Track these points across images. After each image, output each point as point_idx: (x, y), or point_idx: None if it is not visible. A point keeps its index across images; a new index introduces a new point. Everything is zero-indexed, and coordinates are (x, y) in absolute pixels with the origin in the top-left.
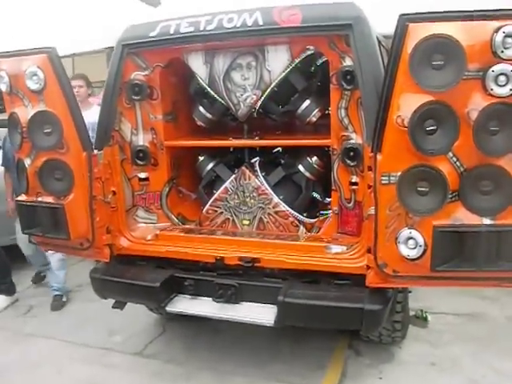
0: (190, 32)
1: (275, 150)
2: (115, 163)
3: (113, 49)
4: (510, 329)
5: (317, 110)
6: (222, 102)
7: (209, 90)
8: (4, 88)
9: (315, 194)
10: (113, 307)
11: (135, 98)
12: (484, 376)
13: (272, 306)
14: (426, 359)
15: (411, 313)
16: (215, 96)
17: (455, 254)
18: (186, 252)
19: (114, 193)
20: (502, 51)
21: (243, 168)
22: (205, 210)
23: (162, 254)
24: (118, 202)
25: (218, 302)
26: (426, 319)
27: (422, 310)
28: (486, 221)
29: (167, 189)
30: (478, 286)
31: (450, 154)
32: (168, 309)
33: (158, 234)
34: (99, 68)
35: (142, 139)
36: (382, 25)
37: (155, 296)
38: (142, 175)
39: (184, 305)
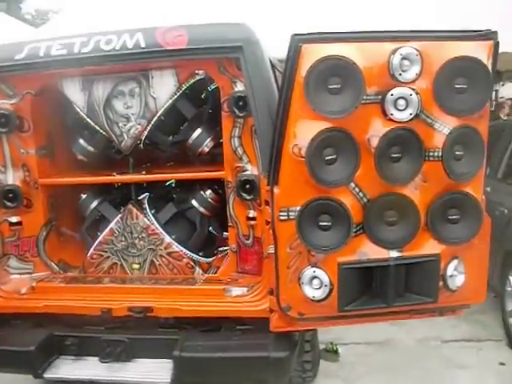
0: (63, 55)
1: (168, 183)
2: None
3: None
4: (421, 352)
5: (209, 139)
6: (104, 133)
7: (88, 120)
8: None
9: (212, 230)
10: None
11: (1, 130)
12: None
13: (168, 361)
14: None
15: (321, 346)
16: (95, 127)
17: (363, 291)
18: (67, 305)
19: None
20: (400, 74)
21: (129, 206)
22: (89, 254)
23: (39, 310)
24: None
25: (105, 362)
26: (336, 352)
27: (332, 343)
28: (394, 253)
29: (44, 233)
30: (388, 320)
31: (352, 185)
32: (46, 375)
33: (34, 286)
34: None
35: (11, 177)
36: (278, 48)
37: (30, 362)
38: (14, 219)
39: (66, 369)
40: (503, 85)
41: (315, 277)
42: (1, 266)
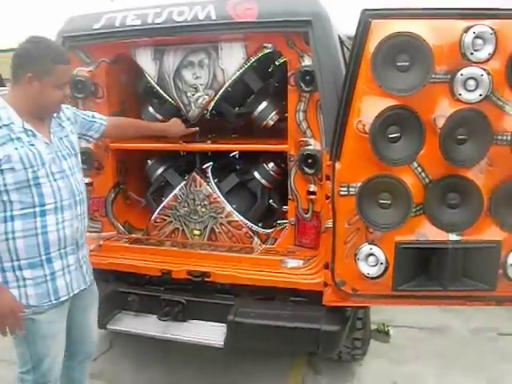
0: (137, 25)
1: (231, 154)
2: None
3: None
4: (474, 343)
5: (274, 112)
6: (172, 102)
7: (158, 88)
8: None
9: (272, 203)
10: None
11: (78, 95)
12: None
13: (222, 325)
14: (387, 378)
15: (373, 326)
16: (165, 96)
17: (419, 272)
18: (130, 264)
19: None
20: (472, 53)
21: (194, 174)
22: (153, 218)
23: (104, 266)
24: None
25: (163, 320)
26: (388, 333)
27: (383, 324)
28: (453, 237)
29: (113, 195)
30: (442, 304)
31: (415, 164)
32: (109, 327)
33: (101, 244)
34: None
35: (84, 141)
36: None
37: None
38: (85, 180)
39: (127, 323)
40: None
41: (371, 254)
42: None
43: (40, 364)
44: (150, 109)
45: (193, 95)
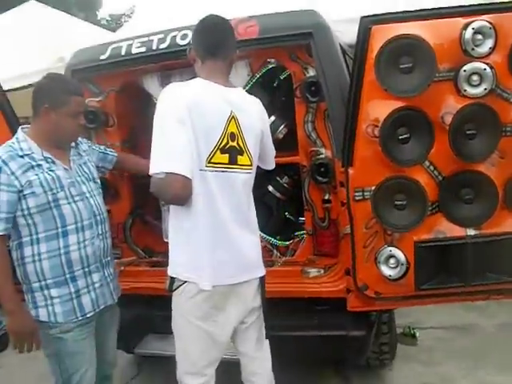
0: (143, 52)
1: None
2: None
3: None
4: (501, 339)
5: (283, 125)
6: None
7: None
8: None
9: (288, 215)
10: None
11: (90, 126)
12: None
13: None
14: (418, 380)
15: (398, 330)
16: None
17: (440, 270)
18: (153, 287)
19: None
20: (473, 49)
21: None
22: None
23: (127, 291)
24: None
25: None
26: (414, 336)
27: (409, 327)
28: (471, 232)
29: (131, 220)
30: (466, 300)
31: (427, 163)
32: (137, 351)
33: (122, 270)
34: None
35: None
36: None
37: (122, 337)
38: None
39: (153, 345)
40: None
41: (392, 256)
42: None
43: (69, 380)
44: None
45: None
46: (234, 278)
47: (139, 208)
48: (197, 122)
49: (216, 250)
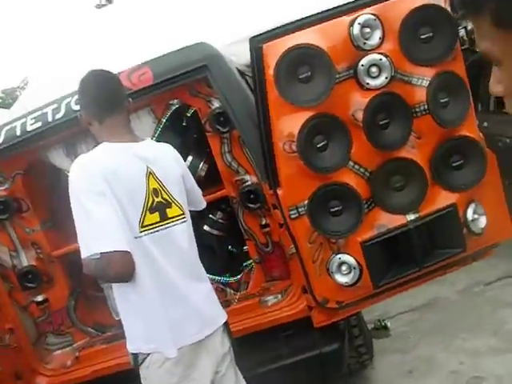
0: (40, 127)
1: None
2: (2, 297)
3: None
4: (467, 303)
5: (202, 163)
6: None
7: None
8: None
9: (231, 248)
10: None
11: (2, 217)
12: (462, 363)
13: None
14: (401, 369)
15: (369, 326)
16: None
17: (392, 262)
18: (115, 364)
19: (12, 330)
20: (364, 43)
21: None
22: None
23: (89, 377)
24: (19, 339)
25: None
26: (386, 327)
27: (379, 320)
28: (410, 216)
29: (73, 301)
30: (424, 282)
31: (351, 163)
32: None
33: (78, 356)
34: None
35: (25, 259)
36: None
37: None
38: (39, 298)
39: None
40: None
41: (342, 262)
42: (40, 346)
43: None
44: None
45: None
46: (197, 335)
47: (78, 287)
48: (117, 190)
49: (170, 313)
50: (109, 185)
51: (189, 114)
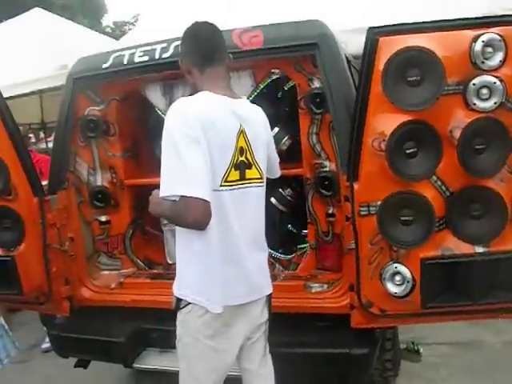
0: (145, 61)
1: None
2: (72, 207)
3: None
4: (507, 356)
5: (286, 137)
6: None
7: None
8: None
9: (290, 227)
10: (75, 366)
11: (91, 135)
12: None
13: None
14: None
15: (401, 346)
16: None
17: (447, 287)
18: (153, 300)
19: (72, 239)
20: (483, 62)
21: None
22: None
23: (127, 304)
24: (76, 249)
25: None
26: (418, 352)
27: (413, 342)
28: (479, 249)
29: (131, 231)
30: (473, 319)
31: (434, 178)
32: (136, 365)
33: (122, 282)
34: None
35: (100, 179)
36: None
37: (121, 352)
38: (103, 218)
39: (153, 360)
40: None
41: (397, 272)
42: (92, 262)
43: None
44: None
45: None
46: (243, 297)
47: (139, 219)
48: (211, 140)
49: (226, 270)
50: (205, 134)
51: (286, 88)
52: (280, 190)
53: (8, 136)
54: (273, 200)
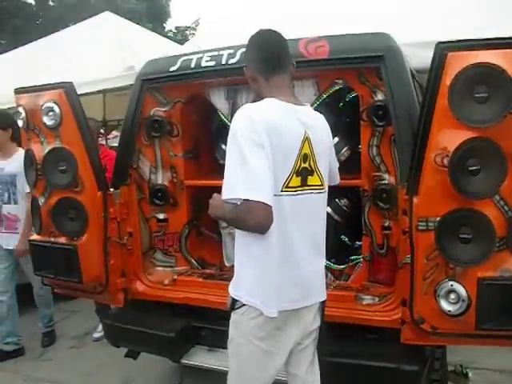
0: (212, 66)
1: None
2: (132, 203)
3: None
4: None
5: (346, 148)
6: None
7: None
8: (21, 124)
9: (344, 238)
10: (125, 356)
11: (155, 134)
12: None
13: None
14: None
15: (449, 368)
16: None
17: (503, 310)
18: (204, 299)
19: (131, 234)
20: None
21: None
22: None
23: (179, 301)
24: (134, 243)
25: None
26: (466, 376)
27: (461, 366)
28: None
29: (187, 230)
30: None
31: (497, 197)
32: (183, 361)
33: (175, 279)
34: None
35: (161, 178)
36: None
37: (170, 347)
38: (161, 216)
39: (201, 357)
40: None
41: (452, 290)
42: (148, 257)
43: None
44: (223, 146)
45: None
46: (297, 302)
47: (196, 219)
48: (275, 146)
49: (283, 275)
50: (269, 139)
51: (348, 98)
52: (336, 199)
53: (78, 131)
54: (328, 209)
